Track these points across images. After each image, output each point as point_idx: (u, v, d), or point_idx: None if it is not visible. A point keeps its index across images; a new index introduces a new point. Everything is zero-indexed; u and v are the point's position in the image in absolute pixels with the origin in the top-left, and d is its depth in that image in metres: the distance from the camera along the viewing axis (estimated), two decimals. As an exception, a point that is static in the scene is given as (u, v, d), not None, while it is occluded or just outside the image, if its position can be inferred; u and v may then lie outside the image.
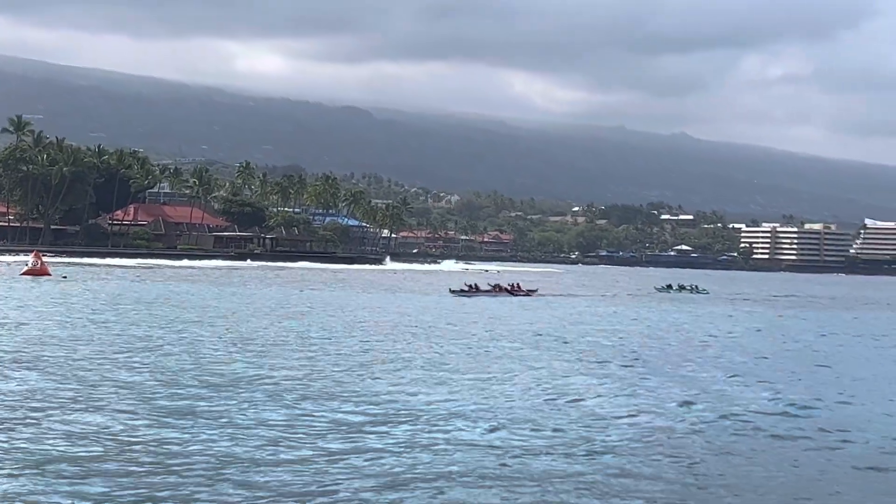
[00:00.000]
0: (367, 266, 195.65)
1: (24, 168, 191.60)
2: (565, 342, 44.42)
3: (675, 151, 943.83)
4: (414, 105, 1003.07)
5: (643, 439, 22.44)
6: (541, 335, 48.18)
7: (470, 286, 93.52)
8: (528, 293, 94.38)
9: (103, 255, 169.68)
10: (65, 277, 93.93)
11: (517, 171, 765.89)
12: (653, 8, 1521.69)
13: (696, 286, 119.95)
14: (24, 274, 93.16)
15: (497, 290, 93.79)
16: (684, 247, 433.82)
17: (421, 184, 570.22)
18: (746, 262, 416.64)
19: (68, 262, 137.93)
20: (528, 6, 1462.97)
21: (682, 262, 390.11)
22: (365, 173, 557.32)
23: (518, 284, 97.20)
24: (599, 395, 28.25)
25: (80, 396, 25.35)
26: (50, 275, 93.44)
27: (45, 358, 32.61)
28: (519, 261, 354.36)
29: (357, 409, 24.70)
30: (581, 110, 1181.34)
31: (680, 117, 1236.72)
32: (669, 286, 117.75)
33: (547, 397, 27.74)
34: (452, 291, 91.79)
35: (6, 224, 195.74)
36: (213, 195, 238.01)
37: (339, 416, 23.78)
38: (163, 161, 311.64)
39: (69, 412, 23.12)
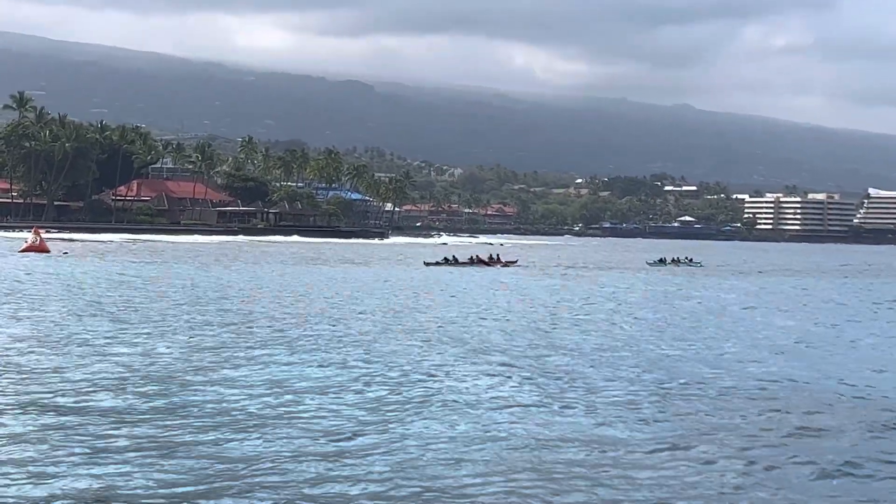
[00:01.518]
0: (361, 240, 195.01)
1: (27, 144, 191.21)
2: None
3: (677, 123, 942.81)
4: (416, 78, 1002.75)
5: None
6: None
7: (447, 258, 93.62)
8: (506, 265, 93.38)
9: (107, 231, 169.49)
10: (65, 253, 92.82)
11: (520, 144, 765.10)
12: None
13: (690, 258, 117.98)
14: (23, 251, 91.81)
15: (474, 262, 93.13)
16: (688, 218, 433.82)
17: (424, 157, 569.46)
18: (750, 232, 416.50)
19: (71, 239, 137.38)
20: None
21: (686, 233, 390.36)
22: (367, 147, 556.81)
23: (498, 256, 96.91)
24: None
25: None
26: (49, 251, 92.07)
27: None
28: (522, 233, 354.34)
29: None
30: (582, 82, 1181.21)
31: (682, 88, 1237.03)
32: (663, 260, 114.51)
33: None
34: (427, 264, 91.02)
35: (9, 201, 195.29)
36: (216, 170, 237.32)
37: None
38: (165, 136, 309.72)
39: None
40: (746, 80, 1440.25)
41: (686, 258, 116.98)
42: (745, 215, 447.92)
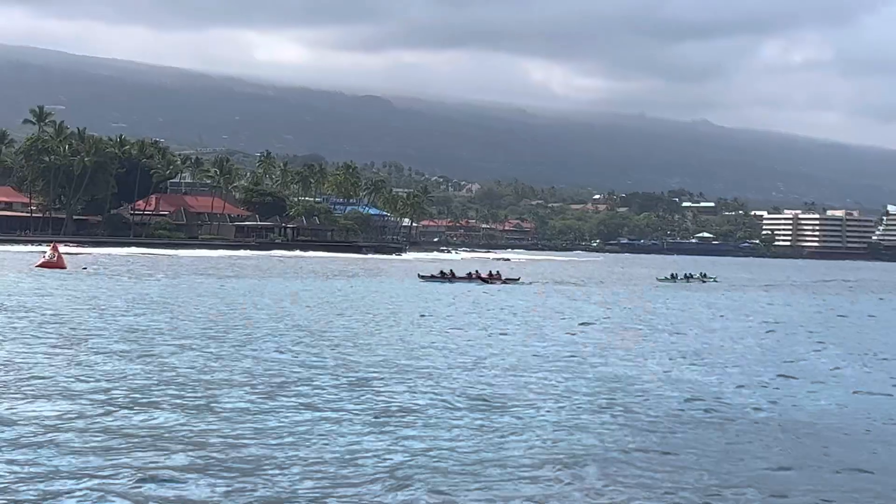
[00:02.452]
0: (378, 256, 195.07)
1: (47, 159, 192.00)
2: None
3: (695, 138, 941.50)
4: (433, 94, 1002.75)
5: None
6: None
7: (443, 273, 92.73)
8: (505, 282, 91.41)
9: (125, 245, 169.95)
10: (84, 269, 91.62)
11: (537, 159, 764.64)
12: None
13: (704, 274, 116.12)
14: (39, 266, 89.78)
15: (473, 278, 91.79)
16: (706, 234, 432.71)
17: (441, 172, 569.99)
18: (768, 249, 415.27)
19: (89, 253, 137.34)
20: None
21: (704, 249, 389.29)
22: (385, 162, 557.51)
23: (498, 273, 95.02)
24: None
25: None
26: (65, 267, 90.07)
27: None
28: (540, 249, 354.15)
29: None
30: (600, 98, 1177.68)
31: (701, 104, 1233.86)
32: (674, 276, 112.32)
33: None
34: (422, 277, 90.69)
35: (28, 215, 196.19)
36: (234, 185, 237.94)
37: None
38: (184, 151, 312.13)
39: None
40: (765, 96, 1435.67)
41: (701, 274, 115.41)
42: (764, 232, 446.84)
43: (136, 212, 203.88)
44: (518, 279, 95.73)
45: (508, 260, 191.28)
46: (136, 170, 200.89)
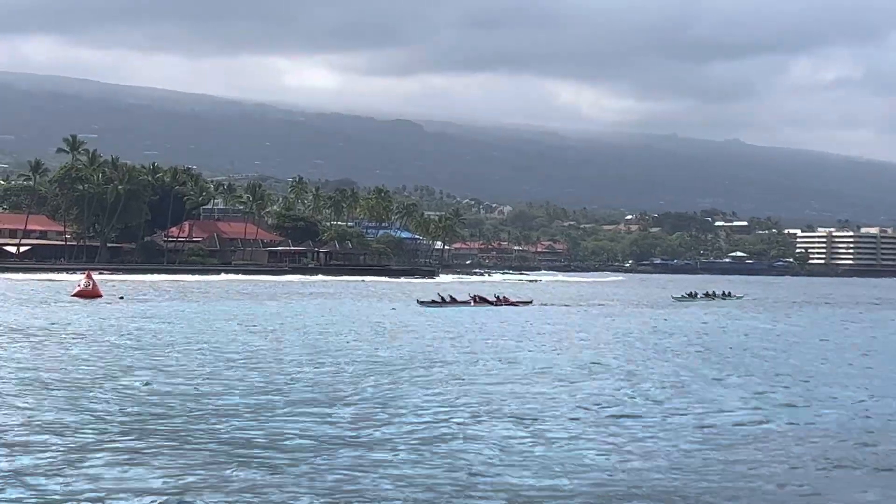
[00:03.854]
0: (411, 279, 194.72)
1: (80, 187, 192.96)
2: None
3: (727, 158, 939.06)
4: (464, 117, 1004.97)
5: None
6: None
7: (443, 298, 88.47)
8: (515, 304, 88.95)
9: (159, 272, 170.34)
10: (122, 298, 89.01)
11: (569, 180, 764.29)
12: (697, 14, 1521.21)
13: (728, 292, 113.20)
14: (74, 295, 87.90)
15: (478, 302, 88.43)
16: (739, 253, 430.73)
17: (473, 195, 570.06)
18: (802, 267, 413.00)
19: (123, 280, 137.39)
20: (573, 15, 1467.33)
21: (738, 268, 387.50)
22: (417, 186, 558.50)
23: (505, 297, 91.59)
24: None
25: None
26: (101, 295, 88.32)
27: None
28: (573, 270, 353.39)
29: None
30: (631, 119, 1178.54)
31: (732, 124, 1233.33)
32: (692, 294, 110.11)
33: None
34: (420, 302, 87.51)
35: (63, 243, 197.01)
36: (267, 210, 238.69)
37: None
38: (216, 177, 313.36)
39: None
40: (796, 115, 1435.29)
41: (725, 292, 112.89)
42: (798, 250, 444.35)
43: (170, 238, 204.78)
44: (530, 302, 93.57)
45: (539, 281, 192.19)
46: (169, 197, 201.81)
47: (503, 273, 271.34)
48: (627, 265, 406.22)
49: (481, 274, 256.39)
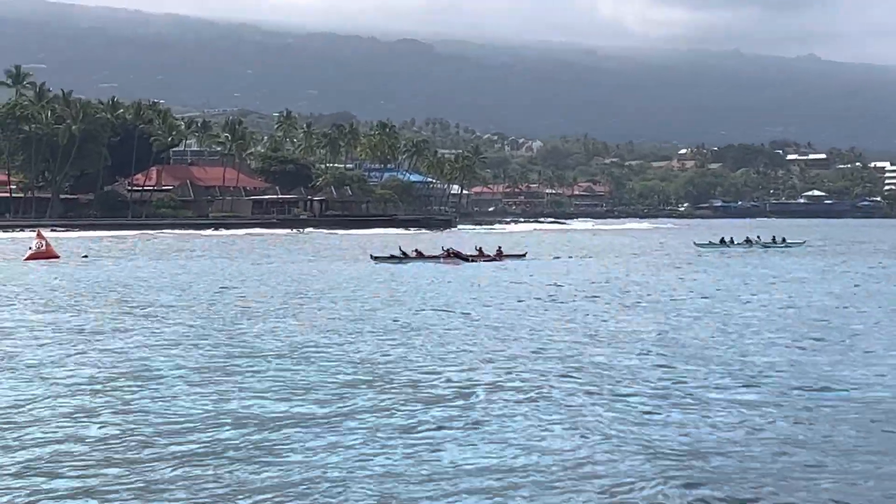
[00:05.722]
0: (424, 231, 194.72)
1: (26, 128, 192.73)
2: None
3: (801, 78, 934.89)
4: (483, 35, 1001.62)
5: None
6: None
7: (404, 252, 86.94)
8: (497, 257, 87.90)
9: (123, 227, 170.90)
10: (85, 257, 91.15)
11: (610, 109, 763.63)
12: None
13: (783, 238, 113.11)
14: (28, 259, 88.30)
15: (450, 257, 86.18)
16: (816, 192, 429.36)
17: (495, 129, 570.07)
18: (892, 208, 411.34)
19: (81, 237, 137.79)
20: None
21: (814, 210, 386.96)
22: (428, 119, 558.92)
23: (500, 249, 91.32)
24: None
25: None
26: (58, 257, 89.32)
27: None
28: (616, 217, 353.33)
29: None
30: (684, 33, 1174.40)
31: (805, 36, 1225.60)
32: (723, 240, 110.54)
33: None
34: (374, 258, 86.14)
35: (7, 194, 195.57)
36: (249, 152, 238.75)
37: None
38: (188, 114, 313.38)
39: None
40: (883, 24, 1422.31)
41: (775, 238, 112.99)
42: (887, 187, 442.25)
43: (135, 188, 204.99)
44: (524, 254, 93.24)
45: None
46: (133, 138, 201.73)
47: (537, 222, 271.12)
48: (682, 209, 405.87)
49: (509, 223, 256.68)
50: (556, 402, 23.68)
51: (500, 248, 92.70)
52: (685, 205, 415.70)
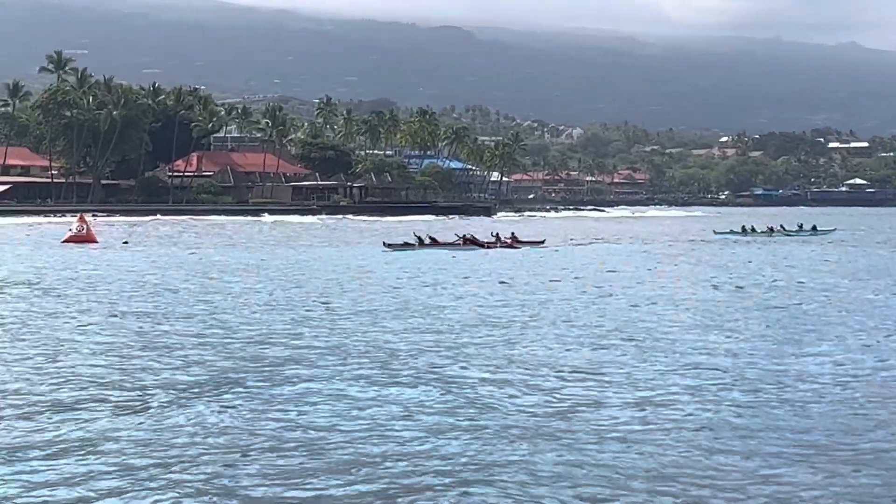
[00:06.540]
0: (464, 218, 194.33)
1: (68, 113, 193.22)
2: None
3: (843, 65, 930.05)
4: (524, 22, 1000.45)
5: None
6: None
7: (420, 238, 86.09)
8: (512, 244, 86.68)
9: (164, 213, 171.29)
10: (126, 243, 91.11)
11: (651, 97, 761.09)
12: None
13: (813, 226, 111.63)
14: (66, 241, 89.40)
15: (467, 243, 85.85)
16: (858, 181, 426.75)
17: (535, 116, 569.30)
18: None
19: (121, 222, 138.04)
20: None
21: (856, 199, 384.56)
22: (468, 106, 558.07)
23: (510, 236, 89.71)
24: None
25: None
26: (97, 241, 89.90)
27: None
28: (657, 204, 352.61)
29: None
30: (725, 20, 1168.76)
31: (848, 23, 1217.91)
32: (744, 228, 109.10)
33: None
34: (388, 245, 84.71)
35: (49, 180, 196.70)
36: (289, 138, 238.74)
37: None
38: (229, 100, 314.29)
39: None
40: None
41: (802, 225, 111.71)
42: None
43: (175, 173, 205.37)
44: (542, 241, 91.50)
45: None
46: (174, 124, 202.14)
47: (577, 209, 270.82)
48: (723, 197, 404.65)
49: (549, 210, 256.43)
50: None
51: (513, 233, 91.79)
52: (726, 193, 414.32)
